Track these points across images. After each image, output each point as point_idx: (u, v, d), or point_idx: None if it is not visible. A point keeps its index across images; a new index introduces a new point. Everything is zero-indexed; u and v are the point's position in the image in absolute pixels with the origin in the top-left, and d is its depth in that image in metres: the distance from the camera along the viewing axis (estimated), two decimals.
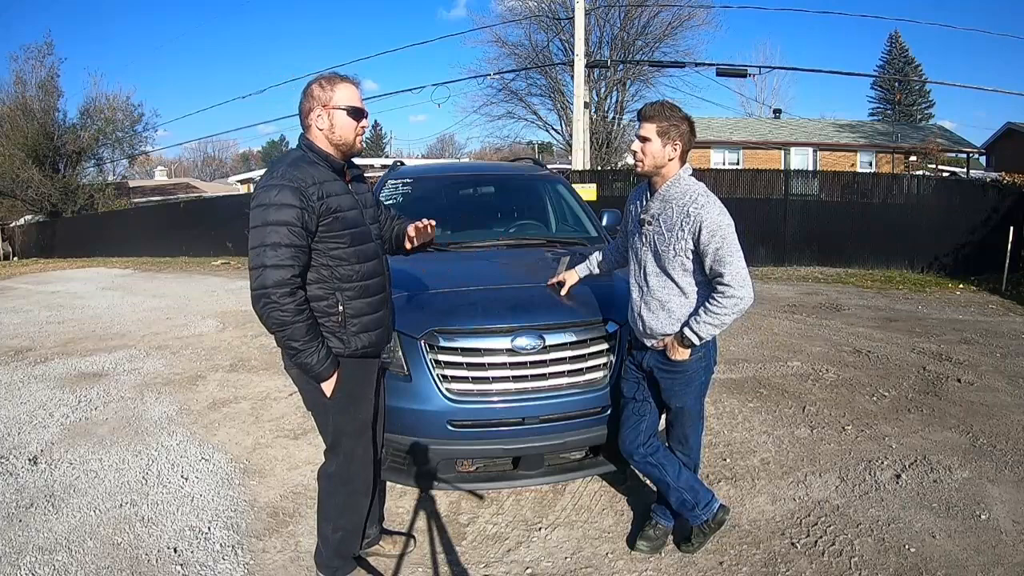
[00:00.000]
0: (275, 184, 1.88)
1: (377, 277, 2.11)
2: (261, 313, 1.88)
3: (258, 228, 1.87)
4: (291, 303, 1.86)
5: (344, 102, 1.98)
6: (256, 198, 1.91)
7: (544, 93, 22.65)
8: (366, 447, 2.18)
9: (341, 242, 1.98)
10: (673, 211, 2.18)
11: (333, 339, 2.01)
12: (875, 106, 41.35)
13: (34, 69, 20.62)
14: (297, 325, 1.88)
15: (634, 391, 2.41)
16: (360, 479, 2.19)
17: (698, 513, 2.36)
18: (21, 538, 2.66)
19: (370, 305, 2.07)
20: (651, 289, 2.27)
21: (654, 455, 2.39)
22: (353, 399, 2.09)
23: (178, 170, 46.19)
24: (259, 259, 1.86)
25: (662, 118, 2.17)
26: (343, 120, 1.98)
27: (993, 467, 3.13)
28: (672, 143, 2.18)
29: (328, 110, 1.97)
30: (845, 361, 5.02)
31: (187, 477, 3.21)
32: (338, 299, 2.00)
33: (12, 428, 3.92)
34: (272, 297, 1.85)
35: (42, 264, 16.69)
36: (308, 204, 1.88)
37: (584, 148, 12.76)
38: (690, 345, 2.20)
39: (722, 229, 2.11)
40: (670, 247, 2.18)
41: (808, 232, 10.74)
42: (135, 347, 5.99)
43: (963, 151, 23.90)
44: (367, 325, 2.06)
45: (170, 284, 10.91)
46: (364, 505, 2.23)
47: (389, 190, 3.96)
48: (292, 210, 1.86)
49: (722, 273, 2.11)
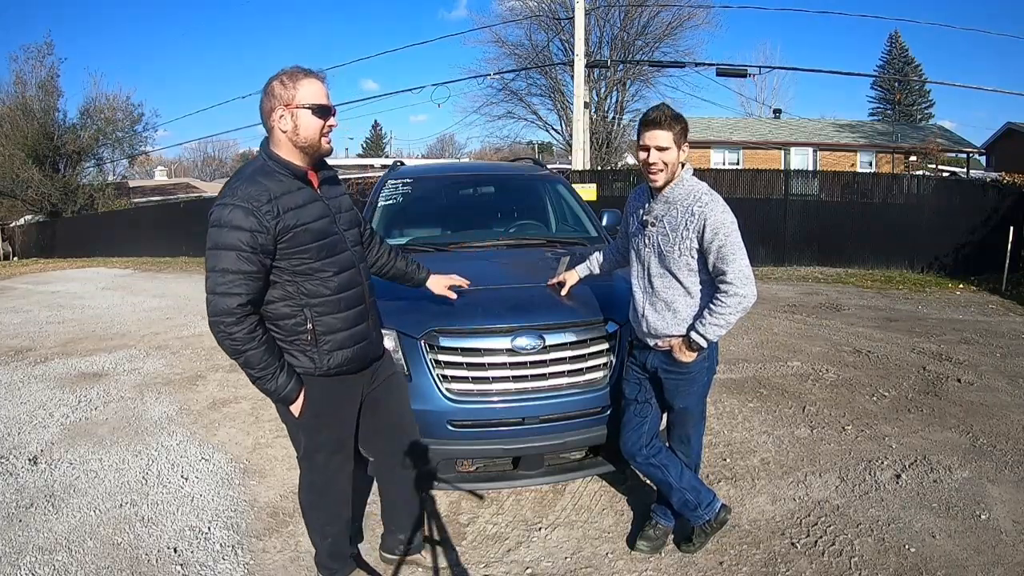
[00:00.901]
0: (228, 203, 1.76)
1: (352, 289, 1.96)
2: (217, 340, 1.80)
3: (210, 251, 1.77)
4: (240, 331, 1.76)
5: (308, 99, 1.81)
6: (211, 214, 1.79)
7: (544, 93, 22.68)
8: (341, 462, 2.10)
9: (306, 256, 1.84)
10: (678, 212, 2.18)
11: (303, 358, 1.90)
12: (875, 106, 41.42)
13: (34, 69, 20.67)
14: (250, 352, 1.79)
15: (636, 392, 2.40)
16: (334, 492, 2.12)
17: (700, 513, 2.36)
18: (21, 538, 2.66)
19: (344, 320, 1.93)
20: (656, 291, 2.26)
21: (656, 456, 2.38)
22: (323, 419, 1.99)
23: (178, 170, 46.16)
24: (210, 285, 1.77)
25: (675, 123, 2.14)
26: (307, 120, 1.82)
27: (993, 467, 3.13)
28: (682, 148, 2.18)
29: (291, 109, 1.81)
30: (845, 361, 5.02)
31: (187, 477, 3.21)
32: (307, 316, 1.88)
33: (12, 428, 3.92)
34: (221, 327, 1.76)
35: (42, 264, 16.70)
36: (262, 225, 1.75)
37: (584, 148, 12.77)
38: (698, 348, 2.20)
39: (725, 227, 2.11)
40: (675, 247, 2.18)
41: (808, 232, 10.74)
42: (135, 347, 5.99)
43: (963, 151, 23.90)
44: (342, 342, 1.94)
45: (170, 284, 10.91)
46: (345, 514, 2.19)
47: (389, 190, 3.96)
48: (242, 233, 1.74)
49: (725, 271, 2.11)
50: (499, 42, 21.76)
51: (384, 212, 3.84)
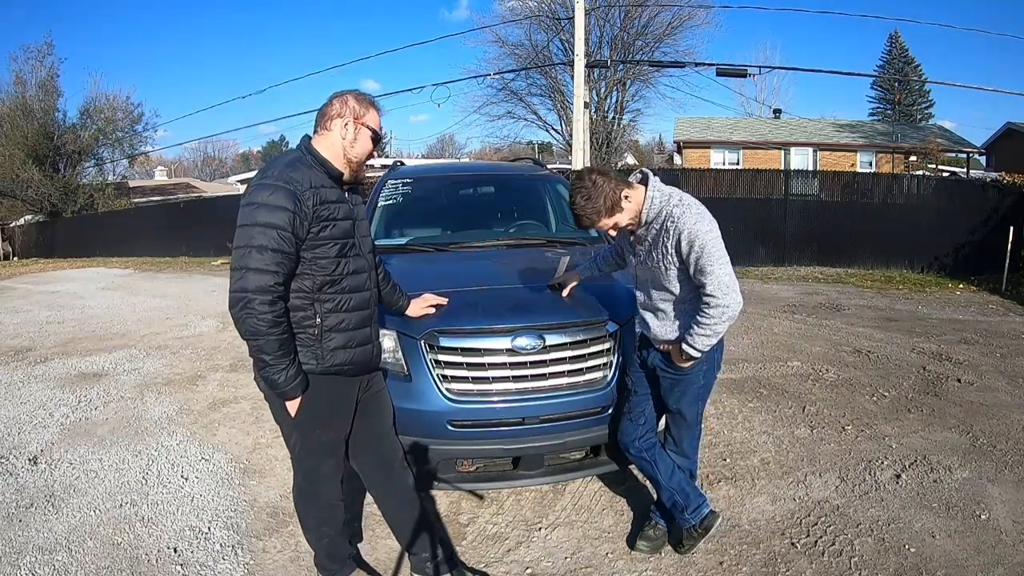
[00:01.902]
0: (269, 184, 1.80)
1: (362, 292, 2.02)
2: (237, 317, 1.79)
3: (246, 227, 1.78)
4: (269, 313, 1.77)
5: (373, 123, 1.99)
6: (248, 195, 1.83)
7: (544, 93, 22.68)
8: (334, 466, 2.10)
9: (328, 251, 1.90)
10: (655, 230, 2.18)
11: (308, 353, 1.92)
12: (875, 106, 41.35)
13: (34, 69, 20.66)
14: (271, 338, 1.80)
15: (636, 385, 2.43)
16: (326, 494, 2.12)
17: (686, 516, 2.37)
18: (21, 538, 2.66)
19: (350, 320, 1.98)
20: (652, 300, 2.30)
21: (649, 451, 2.40)
22: (319, 420, 2.00)
23: (178, 170, 46.16)
24: (243, 260, 1.76)
25: (588, 206, 2.13)
26: (365, 139, 1.98)
27: (993, 467, 3.13)
28: (620, 207, 2.16)
29: (359, 124, 1.95)
30: (845, 361, 5.02)
31: (187, 477, 3.21)
32: (316, 311, 1.91)
33: (12, 428, 3.92)
34: (252, 304, 1.76)
35: (42, 264, 16.70)
36: (302, 209, 1.81)
37: (584, 148, 12.76)
38: (690, 359, 2.21)
39: (699, 238, 2.07)
40: (659, 264, 2.19)
41: (808, 232, 10.74)
42: (135, 347, 5.99)
43: (963, 151, 23.88)
44: (345, 342, 1.97)
45: (170, 284, 10.91)
46: (338, 516, 2.18)
47: (389, 190, 3.96)
48: (285, 213, 1.78)
49: (704, 283, 2.09)
50: (499, 42, 21.78)
51: (384, 212, 3.83)
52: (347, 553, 2.28)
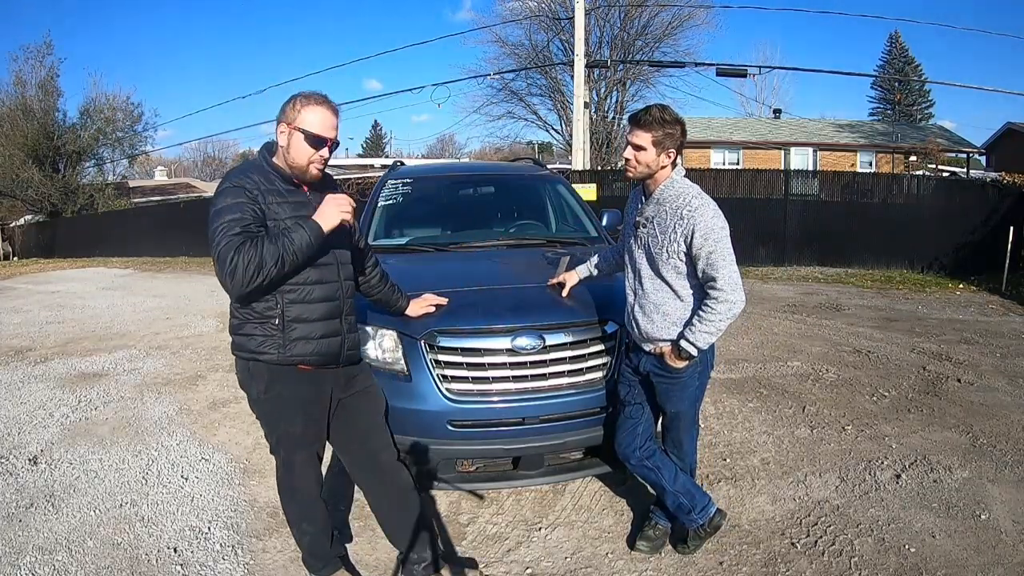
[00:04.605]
0: (224, 188, 1.92)
1: (326, 284, 2.02)
2: (231, 272, 1.77)
3: (213, 219, 1.86)
4: (246, 242, 1.79)
5: (307, 126, 1.91)
6: (212, 204, 1.91)
7: (544, 93, 22.72)
8: (306, 458, 2.12)
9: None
10: (667, 214, 2.17)
11: (270, 343, 1.96)
12: (875, 106, 41.39)
13: (34, 69, 20.60)
14: (265, 252, 1.79)
15: (630, 394, 2.40)
16: (303, 488, 2.14)
17: (694, 517, 2.36)
18: (21, 538, 2.66)
19: (312, 311, 1.99)
20: (646, 292, 2.27)
21: (650, 459, 2.38)
22: (286, 412, 2.03)
23: (178, 170, 46.11)
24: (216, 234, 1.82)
25: (658, 127, 2.13)
26: (298, 144, 1.93)
27: (993, 467, 3.13)
28: (666, 152, 2.16)
29: (291, 129, 1.92)
30: (845, 361, 5.02)
31: (187, 477, 3.22)
32: (279, 300, 1.94)
33: (12, 428, 3.92)
34: (233, 241, 1.77)
35: (42, 264, 16.68)
36: (254, 198, 1.89)
37: (584, 148, 12.77)
38: (688, 357, 2.19)
39: (715, 233, 2.09)
40: (663, 249, 2.17)
41: (808, 232, 10.74)
42: (135, 347, 5.99)
43: (963, 151, 23.90)
44: (308, 332, 1.98)
45: (170, 284, 10.91)
46: (317, 513, 2.19)
47: (389, 190, 3.96)
48: (244, 198, 1.87)
49: (715, 278, 2.10)
50: (499, 42, 21.82)
51: (384, 212, 3.84)
52: (333, 552, 2.27)
